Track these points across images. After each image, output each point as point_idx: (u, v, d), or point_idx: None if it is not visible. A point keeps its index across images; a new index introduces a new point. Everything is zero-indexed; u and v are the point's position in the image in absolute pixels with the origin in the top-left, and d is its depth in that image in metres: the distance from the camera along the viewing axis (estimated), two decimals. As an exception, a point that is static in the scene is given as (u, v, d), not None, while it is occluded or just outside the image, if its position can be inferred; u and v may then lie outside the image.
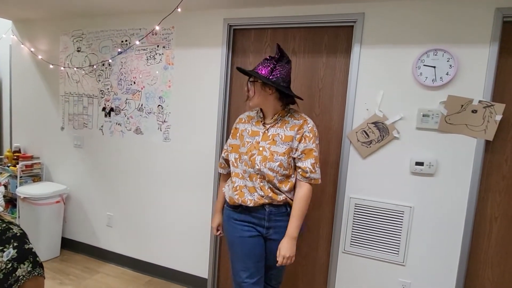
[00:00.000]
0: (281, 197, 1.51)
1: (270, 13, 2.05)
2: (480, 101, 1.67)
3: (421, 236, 1.85)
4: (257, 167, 1.48)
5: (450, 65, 1.70)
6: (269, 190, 1.49)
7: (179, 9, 1.95)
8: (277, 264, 1.48)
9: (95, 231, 2.77)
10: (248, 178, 1.52)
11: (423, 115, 1.77)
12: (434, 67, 1.73)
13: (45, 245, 2.63)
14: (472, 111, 1.69)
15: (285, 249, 1.46)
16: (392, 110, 1.84)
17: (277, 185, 1.49)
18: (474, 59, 1.68)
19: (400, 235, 1.88)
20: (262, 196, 1.49)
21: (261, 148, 1.50)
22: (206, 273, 2.38)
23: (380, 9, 1.83)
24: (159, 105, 2.42)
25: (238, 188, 1.54)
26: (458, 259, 1.78)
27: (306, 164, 1.48)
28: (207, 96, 2.26)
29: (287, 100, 1.55)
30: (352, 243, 1.98)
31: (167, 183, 2.45)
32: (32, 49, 2.88)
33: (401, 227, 1.87)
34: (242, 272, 1.56)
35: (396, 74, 1.82)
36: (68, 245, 2.88)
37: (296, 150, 1.49)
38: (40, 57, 2.83)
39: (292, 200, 1.53)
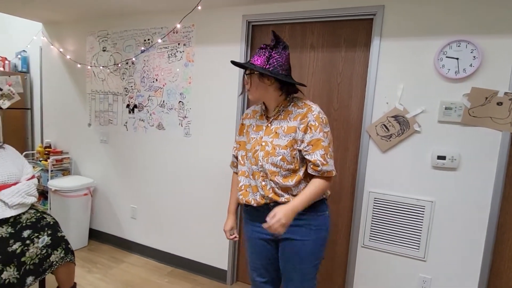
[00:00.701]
0: (283, 199, 1.37)
1: (288, 8, 2.06)
2: (506, 93, 1.62)
3: (443, 231, 1.81)
4: (260, 163, 1.38)
5: (474, 57, 1.66)
6: (270, 191, 1.37)
7: (199, 7, 2.00)
8: (262, 225, 1.27)
9: (120, 222, 2.89)
10: (251, 177, 1.43)
11: (446, 108, 1.74)
12: (457, 58, 1.69)
13: (74, 235, 2.78)
14: (497, 104, 1.64)
15: (279, 212, 1.25)
16: (413, 103, 1.82)
17: (282, 182, 1.35)
18: (499, 50, 1.63)
19: (420, 230, 1.85)
20: (263, 197, 1.39)
21: (263, 143, 1.39)
22: (225, 265, 2.44)
23: (400, 1, 1.80)
24: (180, 101, 2.49)
25: (243, 188, 1.46)
26: (481, 255, 1.74)
27: (316, 156, 1.31)
28: (226, 91, 2.31)
29: (288, 89, 1.40)
30: (371, 237, 1.98)
31: (188, 177, 2.53)
32: (61, 50, 3.02)
33: (422, 222, 1.85)
34: (252, 270, 1.56)
35: (417, 67, 1.79)
36: (95, 235, 3.02)
37: (302, 142, 1.33)
38: (68, 57, 2.97)
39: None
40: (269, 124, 1.41)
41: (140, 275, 2.51)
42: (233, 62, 1.45)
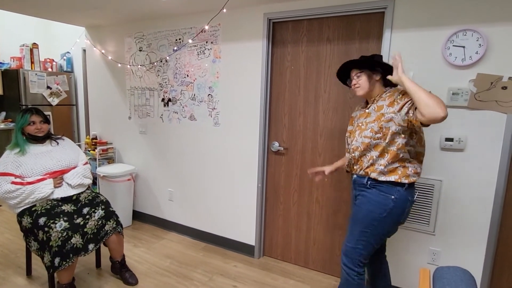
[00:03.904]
0: (372, 169, 1.61)
1: (305, 5, 2.24)
2: (510, 78, 1.73)
3: (450, 208, 1.97)
4: (353, 142, 1.69)
5: (480, 44, 1.77)
6: (363, 163, 1.66)
7: (224, 10, 2.23)
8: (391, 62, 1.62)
9: (159, 204, 3.25)
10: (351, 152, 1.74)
11: (453, 94, 1.87)
12: (464, 47, 1.81)
13: (120, 215, 3.13)
14: (502, 88, 1.75)
15: (401, 68, 1.51)
16: (423, 90, 1.96)
17: (370, 154, 1.60)
18: (504, 37, 1.73)
19: (430, 207, 2.02)
20: (356, 168, 1.72)
21: (360, 124, 1.67)
22: (253, 241, 2.72)
23: (410, -5, 1.93)
24: (209, 94, 2.76)
25: (346, 161, 1.83)
26: (488, 228, 1.89)
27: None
28: (251, 84, 2.54)
29: (386, 83, 1.68)
30: (385, 214, 2.16)
31: (217, 162, 2.81)
32: (103, 51, 3.38)
33: (431, 199, 2.01)
34: None
35: (425, 56, 1.93)
36: (138, 216, 3.41)
37: (397, 110, 1.52)
38: (109, 57, 3.32)
39: (381, 174, 1.58)
40: (367, 109, 1.68)
41: (178, 249, 2.85)
42: (363, 57, 1.70)
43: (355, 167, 1.72)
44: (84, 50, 4.06)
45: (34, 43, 4.05)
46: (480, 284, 1.95)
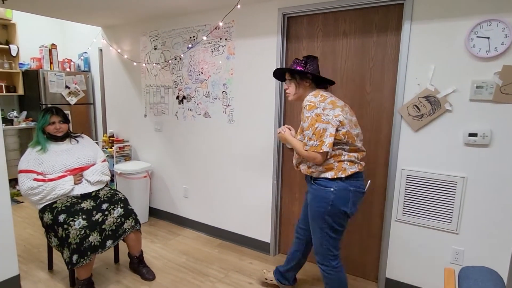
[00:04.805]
0: (303, 168, 1.80)
1: (321, -1, 2.20)
2: (539, 69, 1.65)
3: (475, 205, 1.90)
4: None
5: (506, 35, 1.69)
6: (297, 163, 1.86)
7: (238, 6, 2.21)
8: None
9: (175, 201, 3.28)
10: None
11: (477, 87, 1.80)
12: (488, 38, 1.73)
13: (137, 212, 3.15)
14: (530, 80, 1.67)
15: (285, 135, 1.86)
16: (444, 83, 1.89)
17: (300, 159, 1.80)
18: (533, 26, 1.65)
19: (453, 204, 1.95)
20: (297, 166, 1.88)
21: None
22: (268, 238, 2.71)
23: (430, -15, 1.87)
24: (223, 91, 2.75)
25: None
26: (514, 227, 1.81)
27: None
28: (265, 80, 2.52)
29: (320, 86, 1.81)
30: (404, 212, 2.11)
31: (232, 159, 2.80)
32: (119, 50, 3.42)
33: (454, 197, 1.94)
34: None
35: (447, 48, 1.86)
36: (154, 213, 3.45)
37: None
38: (125, 56, 3.36)
39: (319, 172, 1.72)
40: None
41: (194, 246, 2.86)
42: (278, 69, 1.87)
43: (300, 166, 1.83)
44: (101, 50, 4.14)
45: (53, 43, 4.15)
46: (507, 285, 1.87)
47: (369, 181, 1.87)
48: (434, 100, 1.93)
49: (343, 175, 1.66)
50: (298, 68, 1.75)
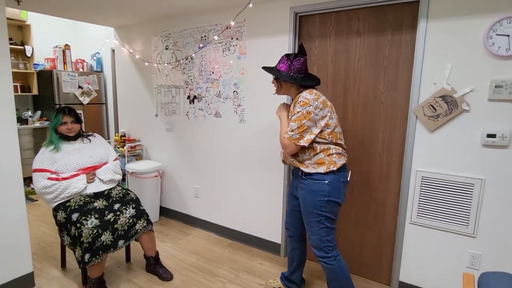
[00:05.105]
0: (294, 162, 1.84)
1: (334, -2, 2.17)
2: (563, 68, 1.58)
3: (493, 208, 1.84)
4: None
5: (527, 32, 1.63)
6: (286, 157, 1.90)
7: (250, 5, 2.20)
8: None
9: (185, 201, 3.28)
10: None
11: (496, 86, 1.74)
12: (508, 35, 1.68)
13: (148, 211, 3.18)
14: (553, 79, 1.61)
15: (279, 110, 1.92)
16: (461, 83, 1.84)
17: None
18: (556, 23, 1.59)
19: (469, 207, 1.89)
20: (284, 162, 1.97)
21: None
22: (279, 239, 2.69)
23: (447, -19, 1.82)
24: (234, 91, 2.74)
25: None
26: (535, 231, 1.75)
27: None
28: (276, 80, 2.49)
29: (306, 87, 1.81)
30: (419, 214, 2.06)
31: (243, 159, 2.79)
32: (131, 50, 3.45)
33: (471, 199, 1.89)
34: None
35: (465, 46, 1.81)
36: (165, 212, 3.47)
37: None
38: (137, 56, 3.38)
39: (311, 167, 1.77)
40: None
41: (204, 245, 2.86)
42: (264, 68, 1.90)
43: (290, 159, 1.85)
44: (113, 50, 4.17)
45: (66, 44, 4.21)
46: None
47: (350, 171, 1.92)
48: (450, 100, 1.87)
49: (334, 168, 1.75)
50: (282, 70, 1.80)
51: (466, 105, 1.83)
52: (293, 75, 1.79)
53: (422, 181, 2.03)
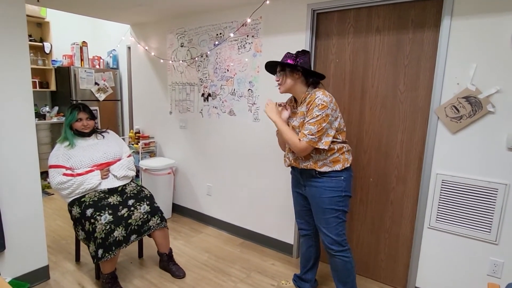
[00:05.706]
0: (302, 165, 1.84)
1: (353, -6, 2.11)
2: None
3: (518, 215, 1.76)
4: None
5: (560, 30, 1.55)
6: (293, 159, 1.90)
7: (267, 1, 2.16)
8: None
9: (198, 198, 3.28)
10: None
11: (524, 87, 1.66)
12: (540, 33, 1.59)
13: (161, 207, 3.23)
14: None
15: (269, 109, 1.89)
16: (487, 83, 1.76)
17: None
18: None
19: (492, 213, 1.82)
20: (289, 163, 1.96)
21: (291, 124, 1.87)
22: (292, 239, 2.65)
23: (474, -23, 1.74)
24: (249, 89, 2.72)
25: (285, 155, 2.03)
26: None
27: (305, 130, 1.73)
28: (292, 78, 2.45)
29: (311, 83, 1.81)
30: (438, 219, 1.99)
31: (256, 158, 2.77)
32: (146, 48, 3.46)
33: (494, 205, 1.81)
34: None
35: (491, 45, 1.73)
36: (177, 209, 3.48)
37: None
38: (152, 54, 3.40)
39: (327, 167, 1.78)
40: (296, 110, 1.87)
41: (216, 244, 2.85)
42: (269, 62, 1.87)
43: (297, 161, 1.85)
44: (129, 47, 4.21)
45: (84, 41, 4.27)
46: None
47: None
48: (474, 101, 1.80)
49: (348, 165, 1.81)
50: (289, 61, 1.79)
51: (491, 106, 1.75)
52: (302, 64, 1.78)
53: (442, 185, 1.95)
